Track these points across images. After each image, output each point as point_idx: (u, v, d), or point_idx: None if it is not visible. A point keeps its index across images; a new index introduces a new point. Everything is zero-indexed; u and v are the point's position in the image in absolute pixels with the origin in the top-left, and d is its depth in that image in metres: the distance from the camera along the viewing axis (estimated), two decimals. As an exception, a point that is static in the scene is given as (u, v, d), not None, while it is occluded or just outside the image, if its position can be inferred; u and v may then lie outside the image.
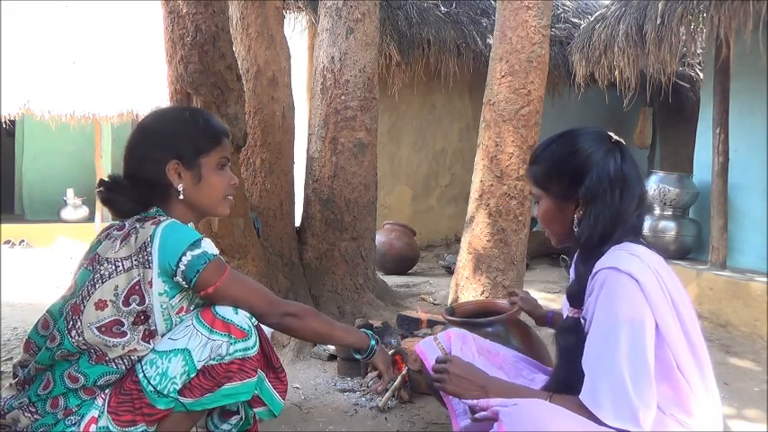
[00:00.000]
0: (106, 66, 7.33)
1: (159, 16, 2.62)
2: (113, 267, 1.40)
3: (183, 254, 1.39)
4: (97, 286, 1.39)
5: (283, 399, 1.60)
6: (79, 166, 8.66)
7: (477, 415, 1.26)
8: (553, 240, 1.51)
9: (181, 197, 1.50)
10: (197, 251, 1.40)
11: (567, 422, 1.18)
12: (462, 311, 2.13)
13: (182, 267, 1.39)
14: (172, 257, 1.38)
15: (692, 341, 1.28)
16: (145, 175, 1.49)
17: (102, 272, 1.40)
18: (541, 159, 1.50)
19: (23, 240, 7.51)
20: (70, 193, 8.18)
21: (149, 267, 1.39)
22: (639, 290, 1.24)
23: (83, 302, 1.40)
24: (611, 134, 1.46)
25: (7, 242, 7.39)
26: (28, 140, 8.73)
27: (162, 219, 1.44)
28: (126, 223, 1.47)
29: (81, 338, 1.38)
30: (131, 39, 7.59)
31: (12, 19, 7.40)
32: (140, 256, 1.39)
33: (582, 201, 1.38)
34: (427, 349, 1.72)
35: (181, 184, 1.49)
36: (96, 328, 1.38)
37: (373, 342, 1.67)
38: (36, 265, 6.12)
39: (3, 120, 6.91)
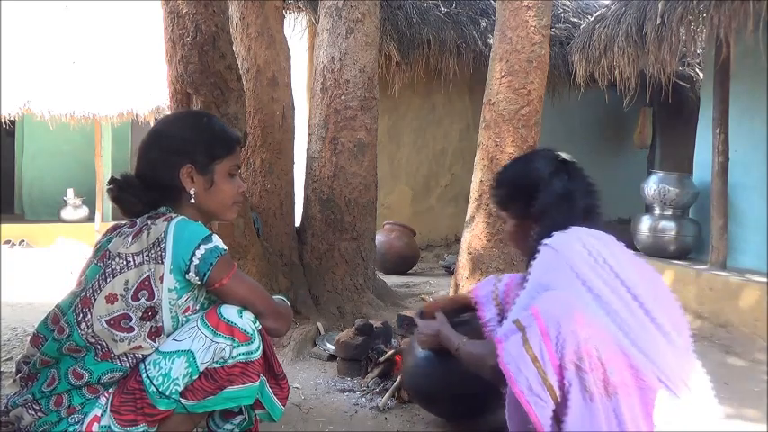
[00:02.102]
0: (106, 66, 7.34)
1: (159, 16, 2.62)
2: (124, 262, 1.41)
3: (197, 247, 1.41)
4: (108, 280, 1.41)
5: (284, 405, 1.61)
6: (79, 165, 8.67)
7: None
8: (523, 255, 1.66)
9: (192, 201, 1.52)
10: (210, 245, 1.43)
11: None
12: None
13: (195, 261, 1.41)
14: (186, 252, 1.41)
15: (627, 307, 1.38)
16: (158, 178, 1.51)
17: (113, 266, 1.42)
18: (501, 183, 1.73)
19: (23, 240, 7.51)
20: (70, 193, 8.18)
21: (161, 263, 1.40)
22: (562, 262, 1.42)
23: (93, 296, 1.41)
24: (561, 154, 1.67)
25: (7, 242, 7.39)
26: (28, 140, 8.73)
27: (173, 216, 1.46)
28: (137, 221, 1.49)
29: (90, 330, 1.39)
30: (131, 39, 7.59)
31: (12, 19, 7.40)
32: (153, 251, 1.41)
33: (535, 218, 1.58)
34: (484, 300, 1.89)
35: (193, 189, 1.52)
36: (106, 320, 1.39)
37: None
38: (36, 265, 6.12)
39: (3, 120, 6.91)
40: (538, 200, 1.57)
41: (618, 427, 1.26)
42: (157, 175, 1.51)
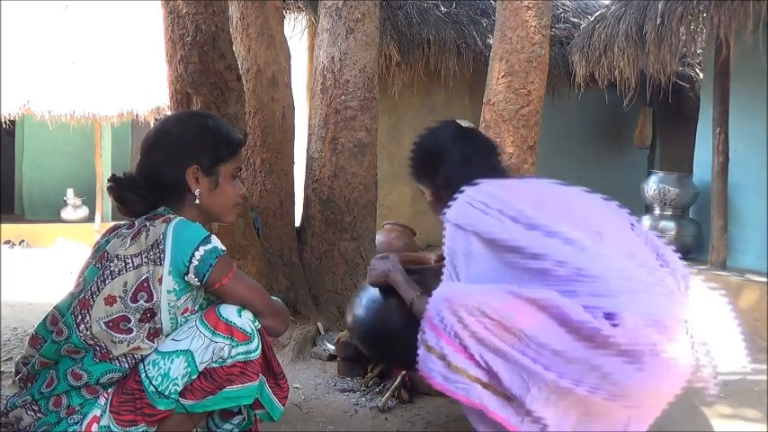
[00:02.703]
0: (106, 66, 7.33)
1: (159, 16, 2.62)
2: (123, 264, 1.41)
3: (196, 249, 1.42)
4: (107, 282, 1.41)
5: (283, 405, 1.61)
6: (79, 166, 8.66)
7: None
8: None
9: (197, 201, 1.53)
10: (209, 246, 1.44)
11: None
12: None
13: (194, 263, 1.41)
14: (185, 254, 1.41)
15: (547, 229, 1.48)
16: (163, 177, 1.51)
17: (111, 268, 1.42)
18: (412, 160, 1.87)
19: (23, 240, 7.51)
20: (70, 193, 8.18)
21: (160, 264, 1.40)
22: (454, 227, 1.56)
23: (92, 297, 1.41)
24: (460, 122, 1.80)
25: (7, 242, 7.39)
26: (28, 140, 8.73)
27: (171, 217, 1.47)
28: (135, 222, 1.49)
29: (89, 333, 1.39)
30: (131, 39, 7.59)
31: (12, 19, 7.40)
32: (151, 253, 1.41)
33: (444, 186, 1.71)
34: None
35: (198, 189, 1.53)
36: (104, 323, 1.39)
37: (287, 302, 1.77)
38: (36, 265, 6.12)
39: (3, 120, 6.91)
40: (442, 169, 1.73)
41: (548, 348, 1.33)
42: (163, 174, 1.51)
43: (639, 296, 1.39)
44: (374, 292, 2.03)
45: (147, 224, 1.45)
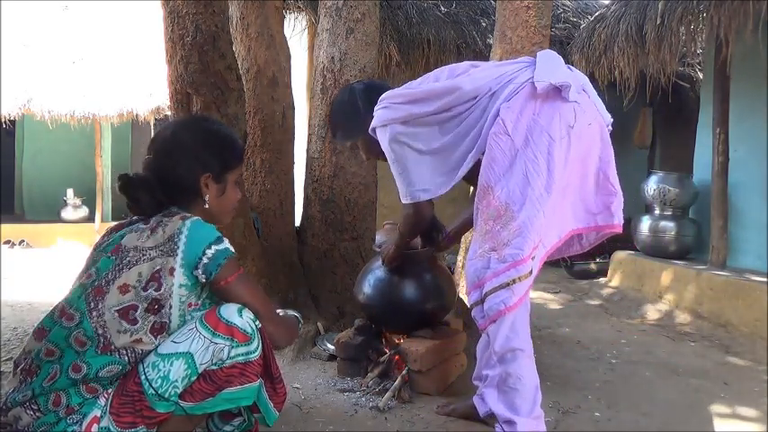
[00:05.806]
0: (106, 66, 7.34)
1: (159, 16, 2.62)
2: (140, 255, 1.45)
3: (209, 246, 1.47)
4: (123, 272, 1.44)
5: (279, 410, 1.62)
6: (79, 165, 8.67)
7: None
8: None
9: (206, 206, 1.60)
10: (221, 246, 1.50)
11: None
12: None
13: (204, 260, 1.46)
14: (198, 249, 1.46)
15: None
16: (179, 182, 1.58)
17: (128, 258, 1.46)
18: (334, 127, 2.39)
19: (23, 240, 7.51)
20: (70, 193, 8.19)
21: (173, 256, 1.45)
22: (379, 130, 2.13)
23: (107, 286, 1.44)
24: (354, 84, 2.37)
25: (7, 242, 7.40)
26: (28, 140, 8.74)
27: (187, 215, 1.52)
28: (150, 219, 1.53)
29: (101, 320, 1.41)
30: (131, 39, 7.60)
31: (12, 19, 7.40)
32: (166, 246, 1.45)
33: (366, 130, 2.16)
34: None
35: (207, 195, 1.60)
36: (116, 310, 1.42)
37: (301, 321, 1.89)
38: (36, 265, 6.12)
39: (3, 120, 6.92)
40: (360, 117, 2.15)
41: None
42: (178, 179, 1.57)
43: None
44: (380, 272, 2.58)
45: (164, 220, 1.50)
